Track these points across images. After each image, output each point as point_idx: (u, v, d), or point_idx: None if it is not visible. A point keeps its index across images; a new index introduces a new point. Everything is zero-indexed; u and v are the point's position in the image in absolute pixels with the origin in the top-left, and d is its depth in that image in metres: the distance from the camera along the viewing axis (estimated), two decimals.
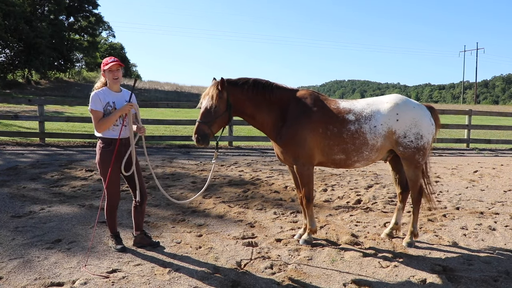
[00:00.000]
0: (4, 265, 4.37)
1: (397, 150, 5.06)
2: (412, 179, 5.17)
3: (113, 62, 4.59)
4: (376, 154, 5.08)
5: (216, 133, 4.95)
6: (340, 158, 5.03)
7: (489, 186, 8.87)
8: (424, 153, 5.09)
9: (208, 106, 4.81)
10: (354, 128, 4.94)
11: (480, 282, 4.25)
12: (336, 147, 4.96)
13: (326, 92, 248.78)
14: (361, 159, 5.07)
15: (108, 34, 58.33)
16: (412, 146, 4.98)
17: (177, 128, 17.52)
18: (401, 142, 4.98)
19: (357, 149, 4.96)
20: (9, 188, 7.54)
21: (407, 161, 5.08)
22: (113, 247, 4.88)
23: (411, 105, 5.09)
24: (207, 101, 4.83)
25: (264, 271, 4.42)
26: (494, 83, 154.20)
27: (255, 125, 5.19)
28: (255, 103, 4.99)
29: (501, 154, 14.79)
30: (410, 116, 4.99)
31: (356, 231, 5.75)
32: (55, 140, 14.09)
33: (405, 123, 4.96)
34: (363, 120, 4.97)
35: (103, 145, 4.67)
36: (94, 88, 4.76)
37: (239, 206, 6.85)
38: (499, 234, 5.75)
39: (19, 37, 37.63)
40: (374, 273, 4.42)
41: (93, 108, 4.56)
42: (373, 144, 4.97)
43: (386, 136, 4.98)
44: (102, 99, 4.59)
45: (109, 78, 4.63)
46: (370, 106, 5.08)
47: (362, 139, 4.94)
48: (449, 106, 55.59)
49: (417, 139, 4.98)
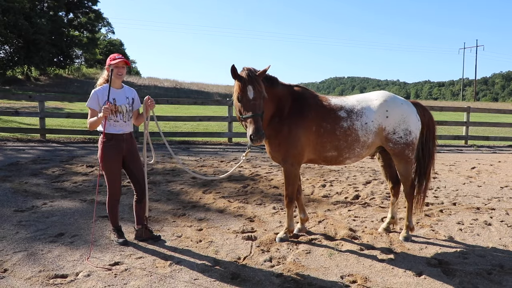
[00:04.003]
0: (9, 257, 4.46)
1: (387, 146, 5.13)
2: (403, 174, 5.26)
3: (121, 59, 4.72)
4: (367, 151, 5.15)
5: None
6: (332, 155, 5.06)
7: (486, 182, 8.97)
8: (413, 148, 5.17)
9: (257, 95, 4.42)
10: (346, 125, 4.98)
11: (475, 275, 4.35)
12: (328, 144, 4.98)
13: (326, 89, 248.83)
14: (352, 156, 5.11)
15: (107, 30, 58.32)
16: (401, 142, 5.07)
17: (177, 125, 17.59)
18: (391, 138, 5.06)
19: (349, 146, 5.01)
20: (11, 183, 7.62)
21: (397, 157, 5.16)
22: (115, 240, 4.97)
23: (399, 101, 5.19)
24: (255, 91, 4.44)
25: (263, 264, 4.51)
26: (493, 80, 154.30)
27: None
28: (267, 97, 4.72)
29: (499, 151, 14.90)
30: (399, 112, 5.08)
31: (354, 226, 5.84)
32: (55, 136, 14.16)
33: (394, 120, 5.05)
34: (355, 117, 5.02)
35: (105, 139, 4.77)
36: (96, 84, 4.89)
37: (239, 201, 6.94)
38: (494, 229, 5.85)
39: (19, 33, 37.53)
40: (371, 266, 4.52)
41: (89, 105, 4.73)
42: (364, 140, 5.03)
43: (377, 132, 5.06)
44: (100, 97, 4.71)
45: (114, 73, 4.72)
46: (360, 103, 5.14)
47: (354, 136, 4.99)
48: (448, 103, 55.72)
49: (406, 134, 5.07)
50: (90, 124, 4.71)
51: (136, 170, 4.97)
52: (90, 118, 4.72)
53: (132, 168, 4.96)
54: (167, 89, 47.68)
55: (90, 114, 4.73)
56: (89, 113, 4.76)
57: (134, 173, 4.97)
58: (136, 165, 4.98)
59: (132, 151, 4.93)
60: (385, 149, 5.24)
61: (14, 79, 41.19)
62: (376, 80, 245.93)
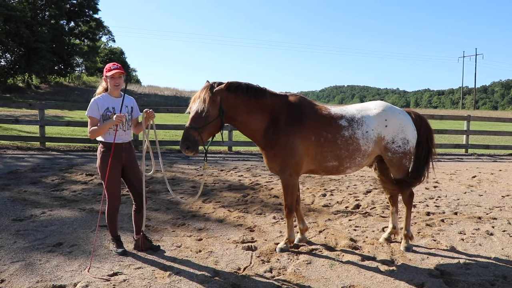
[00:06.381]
0: (6, 267, 4.42)
1: (385, 156, 5.12)
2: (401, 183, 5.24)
3: (116, 70, 4.67)
4: (367, 160, 5.14)
5: (205, 141, 4.72)
6: (332, 165, 5.02)
7: (487, 191, 8.93)
8: (410, 157, 5.18)
9: (199, 110, 4.53)
10: (348, 134, 4.96)
11: (477, 286, 4.29)
12: (329, 153, 4.94)
13: (326, 97, 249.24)
14: (353, 165, 5.09)
15: (108, 38, 58.36)
16: (399, 151, 5.07)
17: (177, 133, 17.57)
18: (390, 147, 5.06)
19: (350, 155, 4.98)
20: (10, 192, 7.59)
21: (395, 167, 5.16)
22: (114, 250, 4.93)
23: (396, 111, 5.20)
24: (198, 105, 4.55)
25: (263, 274, 4.46)
26: (493, 89, 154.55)
27: (246, 133, 5.01)
28: (248, 109, 4.79)
29: (499, 159, 14.86)
30: (397, 122, 5.09)
31: (355, 236, 5.80)
32: (55, 144, 14.14)
33: (393, 129, 5.06)
34: (356, 125, 5.01)
35: (104, 149, 4.76)
36: (95, 93, 4.87)
37: (239, 210, 6.89)
38: (496, 239, 5.80)
39: (20, 42, 37.66)
40: (373, 277, 4.47)
41: (89, 114, 4.70)
42: (365, 149, 5.02)
43: (376, 141, 5.05)
44: (100, 106, 4.69)
45: (110, 84, 4.73)
46: (360, 112, 5.14)
47: (356, 145, 4.97)
48: (448, 111, 55.75)
49: (404, 144, 5.08)
50: (93, 132, 4.67)
51: (135, 180, 4.95)
52: (91, 126, 4.70)
53: (131, 178, 4.93)
54: (167, 97, 47.78)
55: (90, 123, 4.71)
56: (89, 122, 4.74)
57: (132, 182, 4.94)
58: (135, 175, 4.95)
59: (131, 160, 4.91)
60: (382, 159, 5.24)
61: (15, 87, 41.27)
62: (375, 88, 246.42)
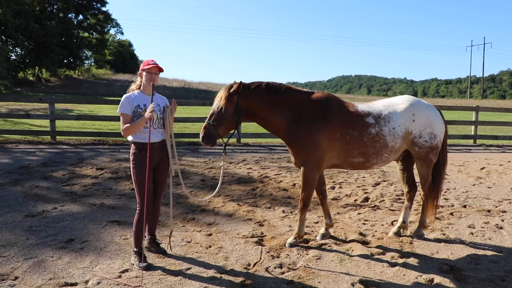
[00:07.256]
0: (20, 264, 4.49)
1: (412, 150, 5.18)
2: (424, 176, 5.35)
3: (154, 65, 4.58)
4: (394, 155, 5.18)
5: (223, 135, 4.95)
6: (358, 161, 5.07)
7: (496, 183, 8.87)
8: (437, 151, 5.25)
9: (217, 107, 4.86)
10: (374, 131, 4.98)
11: (487, 281, 4.28)
12: (355, 151, 4.98)
13: (333, 87, 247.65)
14: (380, 161, 5.13)
15: (116, 31, 58.41)
16: (426, 145, 5.12)
17: (186, 125, 17.63)
18: (417, 142, 5.11)
19: (377, 152, 5.01)
20: (22, 187, 7.68)
21: (421, 161, 5.23)
22: (135, 264, 4.52)
23: (423, 105, 5.23)
24: (217, 102, 4.89)
25: (273, 270, 4.49)
26: (501, 78, 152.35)
27: (270, 129, 5.15)
28: (269, 106, 4.94)
29: (508, 150, 14.73)
30: (424, 116, 5.13)
31: (364, 230, 5.80)
32: (65, 138, 14.26)
33: (420, 123, 5.10)
34: (383, 122, 5.03)
35: (135, 151, 4.57)
36: (128, 90, 4.77)
37: (248, 204, 6.92)
38: (506, 233, 5.77)
39: (29, 36, 37.93)
40: (382, 273, 4.48)
41: (121, 111, 4.52)
42: (392, 146, 5.04)
43: (404, 137, 5.08)
44: (131, 103, 4.55)
45: (146, 79, 4.61)
46: (386, 108, 5.15)
47: (383, 142, 5.00)
48: (457, 102, 55.19)
49: (431, 138, 5.13)
50: (126, 130, 4.49)
51: (159, 179, 4.79)
52: (123, 124, 4.51)
53: (156, 176, 4.77)
54: (175, 89, 47.77)
55: (123, 121, 4.53)
56: (121, 120, 4.55)
57: (156, 181, 4.79)
58: (161, 175, 4.79)
59: (163, 159, 4.75)
60: (408, 154, 5.30)
61: (25, 80, 41.63)
62: (383, 78, 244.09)
